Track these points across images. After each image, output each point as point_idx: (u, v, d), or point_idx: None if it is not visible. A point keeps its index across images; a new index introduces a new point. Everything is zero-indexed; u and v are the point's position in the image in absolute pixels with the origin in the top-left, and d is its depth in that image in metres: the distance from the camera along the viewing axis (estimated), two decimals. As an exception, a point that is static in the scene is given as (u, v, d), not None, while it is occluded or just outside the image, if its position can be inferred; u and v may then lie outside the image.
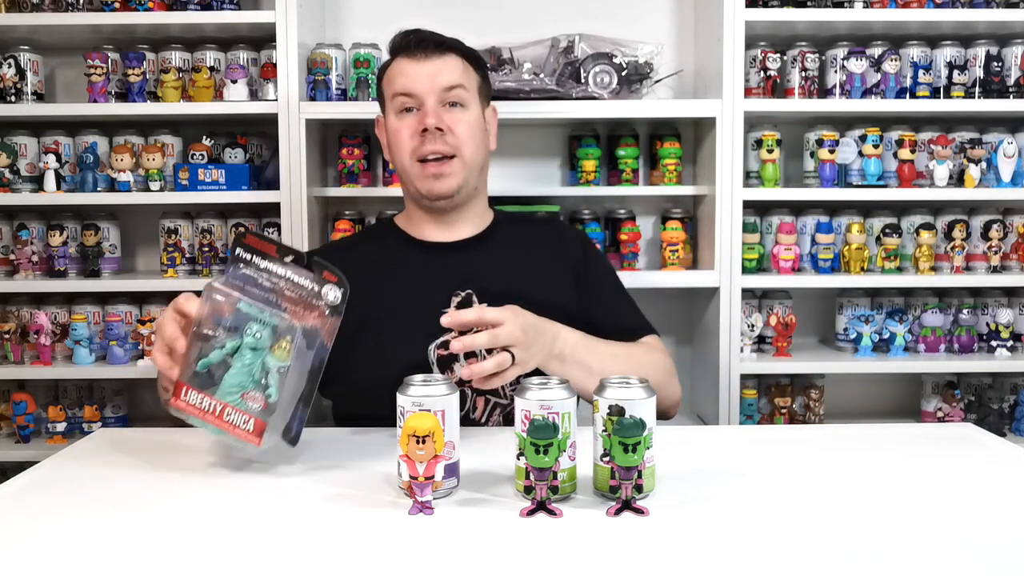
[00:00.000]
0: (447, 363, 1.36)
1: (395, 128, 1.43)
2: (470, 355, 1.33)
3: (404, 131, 1.41)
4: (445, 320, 1.12)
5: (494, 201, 2.20)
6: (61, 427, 2.16)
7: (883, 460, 1.15)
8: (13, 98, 2.13)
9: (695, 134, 2.31)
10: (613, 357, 1.32)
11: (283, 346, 1.04)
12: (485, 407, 1.37)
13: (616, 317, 1.48)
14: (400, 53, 1.45)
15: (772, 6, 2.14)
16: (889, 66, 2.14)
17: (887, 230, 2.21)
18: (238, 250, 1.07)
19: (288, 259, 1.07)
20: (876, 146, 2.16)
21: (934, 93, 2.19)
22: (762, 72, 2.18)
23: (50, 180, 2.13)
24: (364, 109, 2.11)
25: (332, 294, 1.06)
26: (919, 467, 1.13)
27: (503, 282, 1.41)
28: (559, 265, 1.50)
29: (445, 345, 1.33)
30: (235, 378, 1.03)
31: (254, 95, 2.17)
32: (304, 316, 1.05)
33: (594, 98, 2.10)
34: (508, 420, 1.36)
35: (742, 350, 2.15)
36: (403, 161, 1.43)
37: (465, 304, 1.38)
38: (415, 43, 1.43)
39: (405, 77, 1.42)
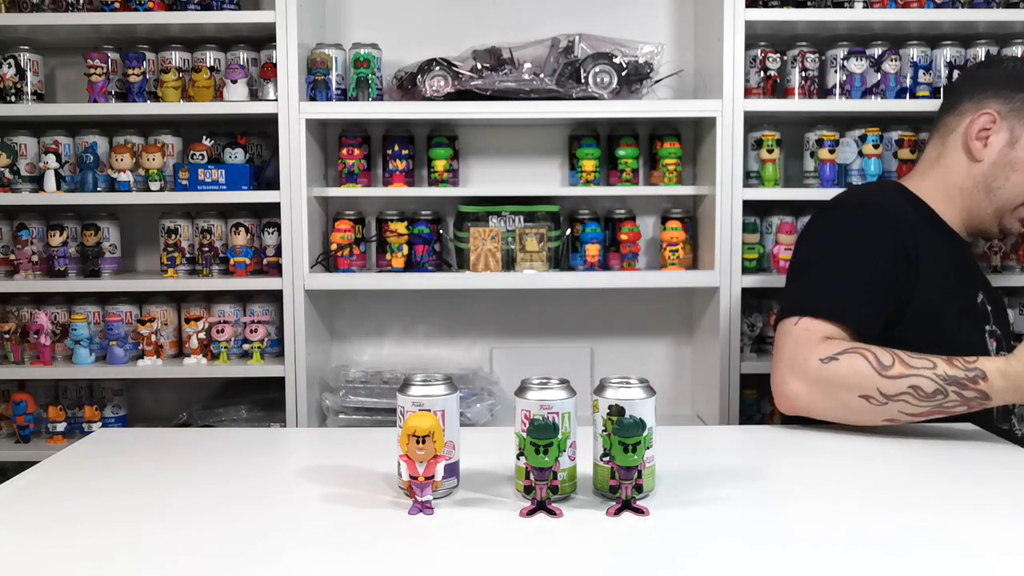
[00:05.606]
0: None
1: None
2: None
3: None
4: None
5: (493, 201, 2.22)
6: (61, 427, 2.16)
7: (883, 460, 1.15)
8: (13, 98, 2.13)
9: (695, 134, 2.31)
10: None
11: None
12: None
13: None
14: None
15: (772, 6, 2.14)
16: (889, 66, 2.14)
17: (887, 230, 2.20)
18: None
19: None
20: (876, 146, 2.16)
21: (934, 93, 2.19)
22: (762, 72, 2.18)
23: (50, 180, 2.13)
24: (364, 109, 2.11)
25: None
26: (919, 466, 1.13)
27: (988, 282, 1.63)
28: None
29: (992, 334, 1.50)
30: None
31: (254, 95, 2.17)
32: None
33: (594, 98, 2.10)
34: None
35: (742, 350, 2.15)
36: (1010, 196, 1.53)
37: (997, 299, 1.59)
38: None
39: None
